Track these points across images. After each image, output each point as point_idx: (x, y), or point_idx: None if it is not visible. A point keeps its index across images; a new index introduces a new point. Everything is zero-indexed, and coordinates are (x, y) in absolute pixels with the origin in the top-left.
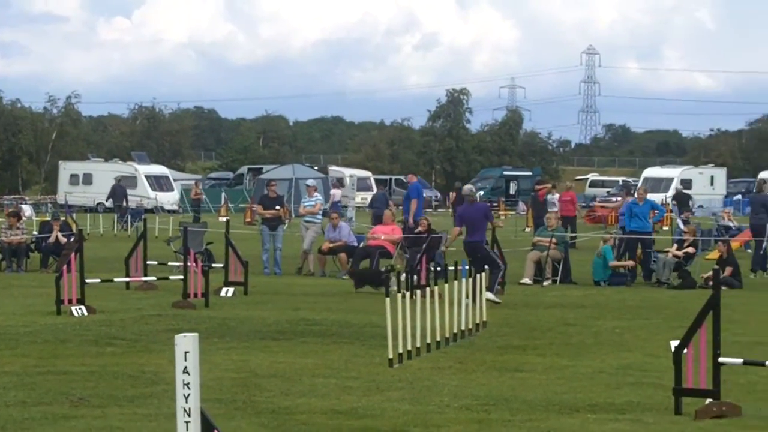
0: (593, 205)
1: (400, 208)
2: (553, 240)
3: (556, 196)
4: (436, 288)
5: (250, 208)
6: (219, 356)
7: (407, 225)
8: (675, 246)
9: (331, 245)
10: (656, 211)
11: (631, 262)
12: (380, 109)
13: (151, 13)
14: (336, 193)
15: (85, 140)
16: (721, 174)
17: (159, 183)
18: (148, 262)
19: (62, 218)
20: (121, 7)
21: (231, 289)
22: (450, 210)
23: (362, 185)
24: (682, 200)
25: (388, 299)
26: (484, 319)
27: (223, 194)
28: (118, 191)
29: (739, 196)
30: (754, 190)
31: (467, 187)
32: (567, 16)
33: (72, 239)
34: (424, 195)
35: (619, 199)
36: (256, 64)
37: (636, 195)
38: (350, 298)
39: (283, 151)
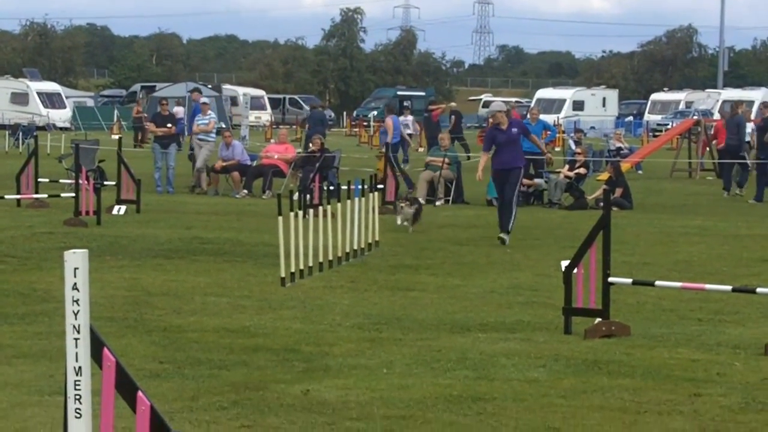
0: (486, 126)
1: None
2: (446, 160)
3: None
4: (329, 207)
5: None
6: (111, 274)
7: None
8: (567, 167)
9: (224, 164)
10: (548, 132)
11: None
12: (274, 28)
13: None
14: (179, 110)
15: None
16: (613, 96)
17: (51, 100)
18: (39, 180)
19: None
20: None
21: (123, 207)
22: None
23: (256, 104)
24: None
25: (280, 218)
26: (377, 238)
27: (115, 112)
28: None
29: (631, 118)
30: (729, 113)
31: (498, 102)
32: None
33: None
34: None
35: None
36: None
37: (528, 115)
38: (243, 216)
39: (177, 69)
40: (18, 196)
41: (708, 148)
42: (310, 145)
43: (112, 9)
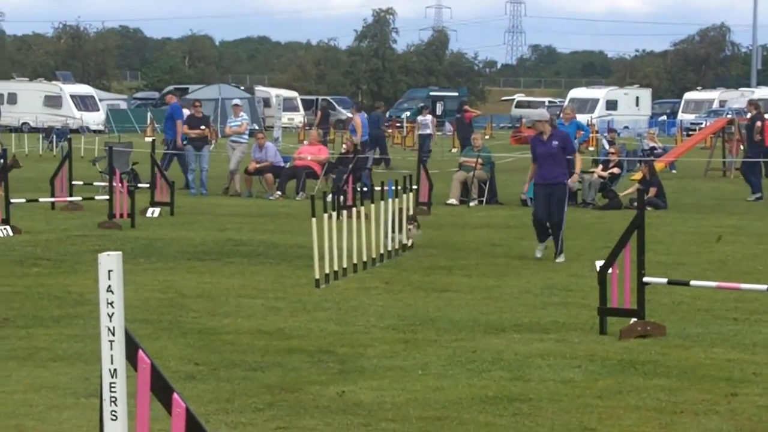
0: (519, 126)
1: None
2: (479, 160)
3: None
4: (362, 208)
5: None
6: (145, 277)
7: (171, 146)
8: (600, 167)
9: (258, 165)
10: (582, 132)
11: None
12: (306, 29)
13: None
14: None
15: (9, 59)
16: (646, 95)
17: (84, 103)
18: (73, 182)
19: None
20: None
21: (157, 210)
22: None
23: (288, 105)
24: None
25: (314, 219)
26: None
27: (149, 114)
28: None
29: (664, 117)
30: None
31: (541, 111)
32: None
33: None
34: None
35: None
36: None
37: (561, 115)
38: (277, 218)
39: (209, 71)
40: (52, 199)
41: (741, 147)
42: (343, 146)
43: (145, 11)
